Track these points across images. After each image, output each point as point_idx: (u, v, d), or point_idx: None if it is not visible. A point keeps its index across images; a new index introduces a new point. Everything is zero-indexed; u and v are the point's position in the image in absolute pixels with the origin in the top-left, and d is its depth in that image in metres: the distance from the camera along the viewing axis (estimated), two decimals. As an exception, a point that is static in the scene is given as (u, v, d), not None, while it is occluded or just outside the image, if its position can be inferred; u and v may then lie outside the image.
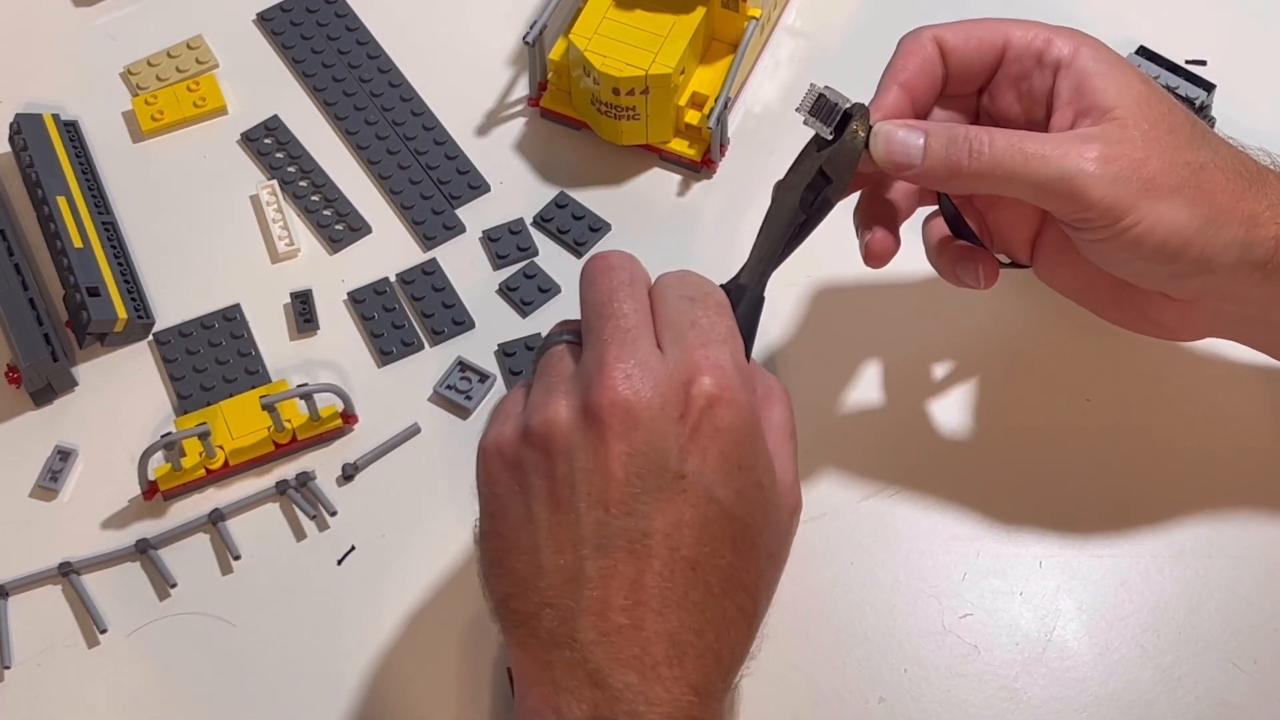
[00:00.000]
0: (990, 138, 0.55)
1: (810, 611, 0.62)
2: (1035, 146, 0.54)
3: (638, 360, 0.51)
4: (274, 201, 0.73)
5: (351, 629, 0.63)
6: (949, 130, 0.56)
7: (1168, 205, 0.54)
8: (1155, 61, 0.70)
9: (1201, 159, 0.55)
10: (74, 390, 0.69)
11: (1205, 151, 0.56)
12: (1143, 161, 0.54)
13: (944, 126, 0.56)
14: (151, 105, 0.76)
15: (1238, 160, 0.57)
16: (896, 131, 0.56)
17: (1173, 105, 0.57)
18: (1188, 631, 0.61)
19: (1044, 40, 0.57)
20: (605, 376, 0.50)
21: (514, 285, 0.71)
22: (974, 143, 0.55)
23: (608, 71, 0.69)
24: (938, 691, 0.60)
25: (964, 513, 0.64)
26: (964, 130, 0.55)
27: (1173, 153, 0.55)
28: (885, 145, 0.56)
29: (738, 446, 0.51)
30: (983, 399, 0.66)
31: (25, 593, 0.64)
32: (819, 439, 0.65)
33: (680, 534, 0.50)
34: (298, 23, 0.79)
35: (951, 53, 0.59)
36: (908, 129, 0.56)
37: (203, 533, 0.65)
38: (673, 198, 0.73)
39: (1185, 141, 0.55)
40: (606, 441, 0.50)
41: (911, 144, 0.56)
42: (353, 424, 0.67)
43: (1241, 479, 0.64)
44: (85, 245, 0.70)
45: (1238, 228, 0.55)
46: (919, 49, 0.59)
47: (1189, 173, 0.55)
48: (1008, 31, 0.58)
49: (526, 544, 0.51)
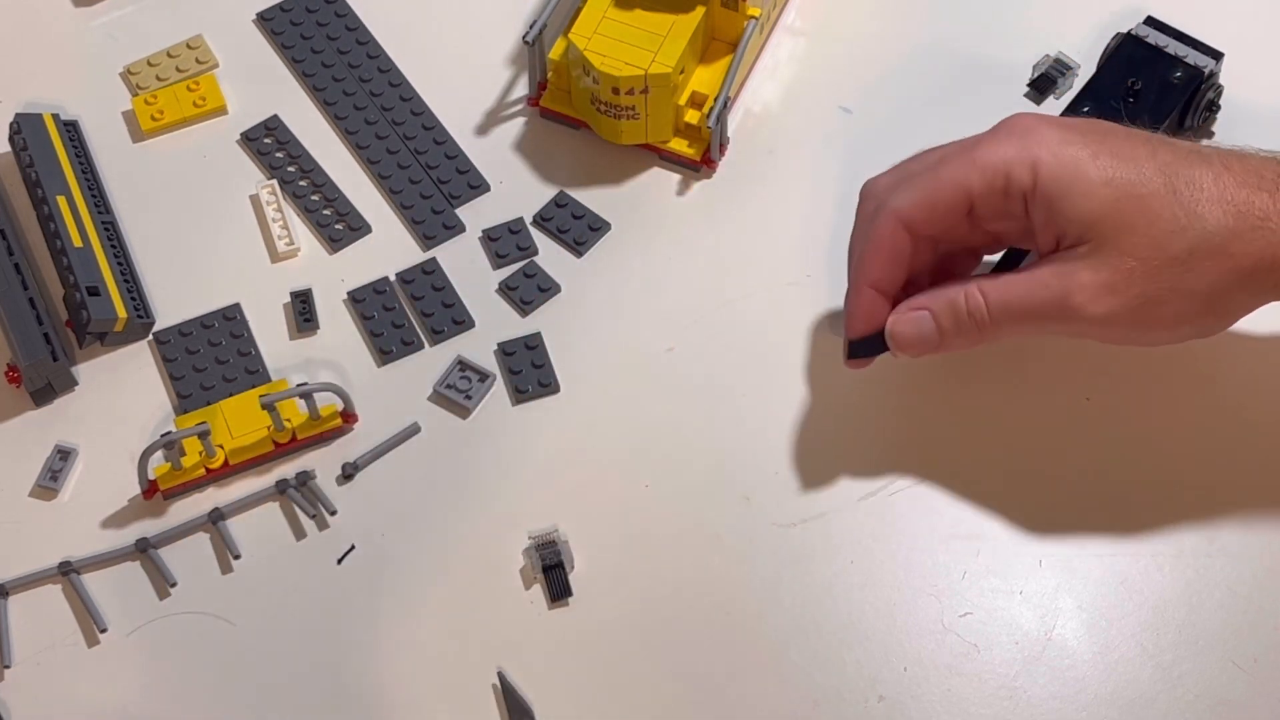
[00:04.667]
0: (984, 297, 0.58)
1: (810, 611, 0.62)
2: (1020, 291, 0.58)
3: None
4: (274, 201, 0.73)
5: (351, 628, 0.63)
6: (946, 301, 0.59)
7: (1167, 308, 0.57)
8: (1163, 31, 0.70)
9: (1188, 243, 0.56)
10: (74, 390, 0.69)
11: (1190, 231, 0.56)
12: (1127, 279, 0.56)
13: (940, 299, 0.59)
14: (151, 105, 0.76)
15: (1231, 194, 0.56)
16: (903, 321, 0.60)
17: (1144, 193, 0.56)
18: (1187, 630, 0.61)
19: (1003, 179, 0.58)
20: None
21: (514, 284, 0.71)
22: (973, 308, 0.59)
23: (607, 71, 0.69)
24: (937, 690, 0.60)
25: (964, 512, 0.64)
26: (958, 294, 0.59)
27: (1156, 254, 0.56)
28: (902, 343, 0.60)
29: None
30: (983, 398, 0.66)
31: (25, 592, 0.64)
32: (819, 439, 0.65)
33: None
34: (298, 23, 0.79)
35: (919, 229, 0.60)
36: (913, 313, 0.60)
37: (203, 532, 0.65)
38: (672, 197, 0.73)
39: (1167, 232, 0.56)
40: None
41: (926, 329, 0.60)
42: (352, 423, 0.67)
43: (1241, 478, 0.64)
44: (85, 245, 0.70)
45: (1243, 292, 0.57)
46: (885, 242, 0.60)
47: (1178, 270, 0.56)
48: (968, 187, 0.58)
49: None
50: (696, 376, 0.67)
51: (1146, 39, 0.70)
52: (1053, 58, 0.74)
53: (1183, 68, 0.69)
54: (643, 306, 0.70)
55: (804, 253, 0.71)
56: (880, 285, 0.61)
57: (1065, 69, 0.73)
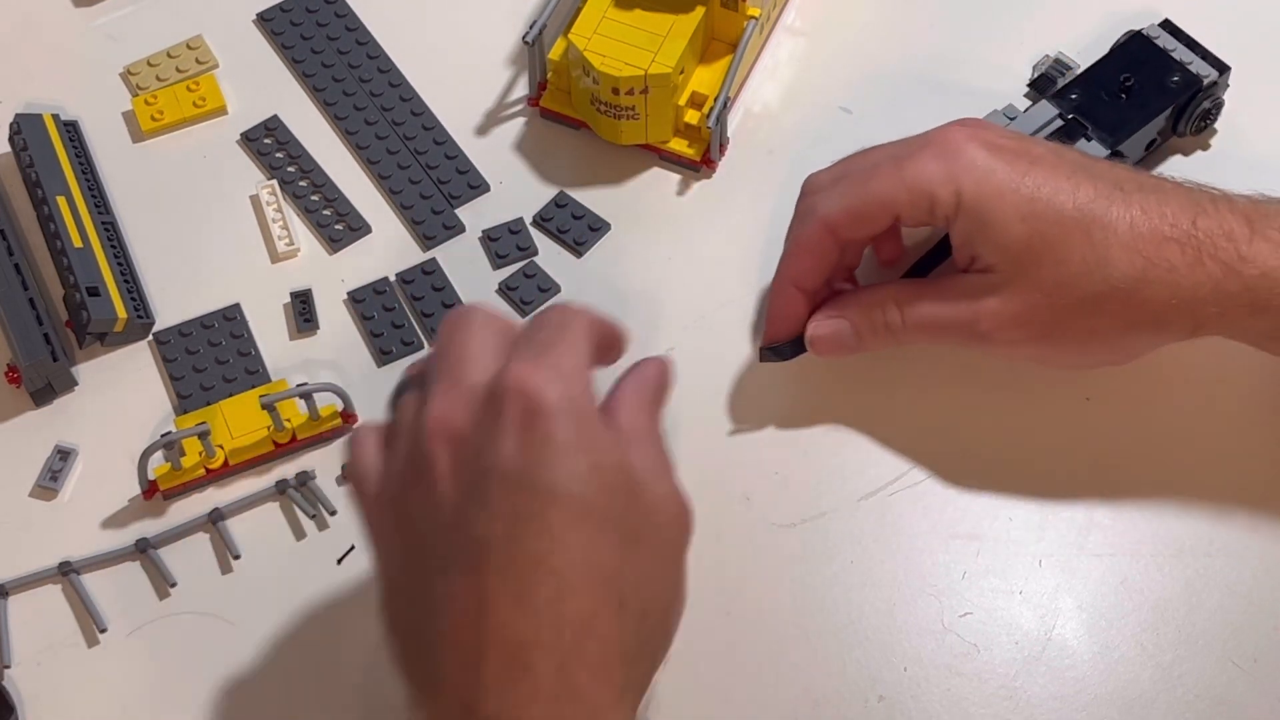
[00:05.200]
0: (899, 304, 0.62)
1: (810, 611, 0.62)
2: (932, 310, 0.61)
3: (457, 384, 0.51)
4: (274, 201, 0.73)
5: (351, 628, 0.63)
6: (864, 310, 0.63)
7: (1070, 343, 0.60)
8: (1176, 36, 0.70)
9: (1094, 287, 0.58)
10: (74, 390, 0.69)
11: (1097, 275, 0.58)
12: (1033, 312, 0.59)
13: (858, 307, 0.63)
14: (151, 105, 0.76)
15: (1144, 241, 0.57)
16: (822, 328, 0.63)
17: (1057, 234, 0.57)
18: (1187, 630, 0.61)
19: (927, 200, 0.59)
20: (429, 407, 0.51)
21: (513, 285, 0.71)
22: (889, 319, 0.62)
23: (607, 71, 0.69)
24: (937, 690, 0.60)
25: (964, 512, 0.64)
26: (876, 305, 0.62)
27: (1063, 294, 0.58)
28: (821, 349, 0.64)
29: (558, 430, 0.49)
30: (983, 398, 0.66)
31: (25, 592, 0.64)
32: (819, 439, 0.65)
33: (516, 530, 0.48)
34: (298, 23, 0.79)
35: (843, 234, 0.62)
36: (832, 320, 0.63)
37: (202, 532, 0.65)
38: (672, 197, 0.73)
39: (1076, 274, 0.58)
40: (434, 466, 0.50)
41: (844, 335, 0.63)
42: (352, 423, 0.67)
43: (1241, 478, 0.64)
44: (85, 245, 0.70)
45: (1147, 335, 0.59)
46: (811, 244, 0.62)
47: (1083, 311, 0.58)
48: (893, 203, 0.60)
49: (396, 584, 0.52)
50: (696, 376, 0.67)
51: (1155, 40, 0.70)
52: (1052, 58, 0.74)
53: (1182, 73, 0.69)
54: (643, 307, 0.70)
55: (804, 253, 0.71)
56: (802, 283, 0.63)
57: (1065, 69, 0.73)
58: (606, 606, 0.49)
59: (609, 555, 0.49)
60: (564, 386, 0.50)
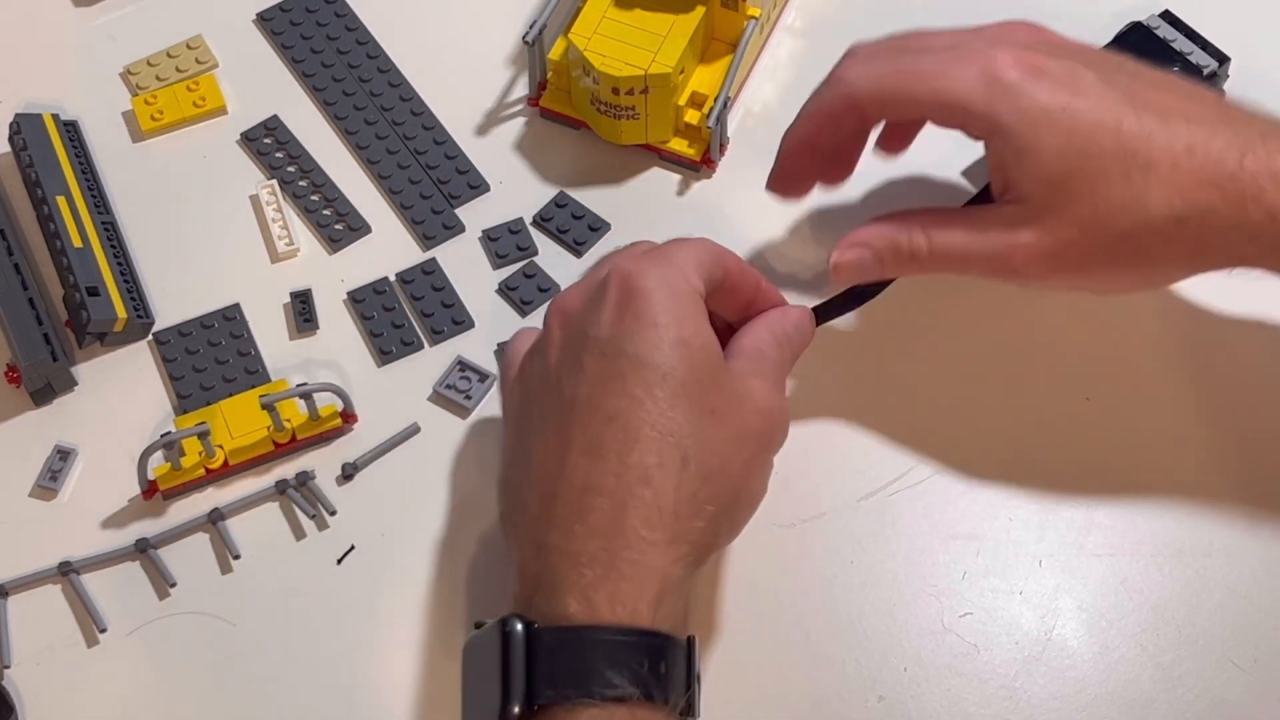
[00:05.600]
0: (926, 235, 0.60)
1: (810, 611, 0.62)
2: (961, 240, 0.60)
3: (584, 279, 0.59)
4: (274, 201, 0.73)
5: (351, 629, 0.63)
6: (888, 241, 0.61)
7: (1103, 276, 0.59)
8: (1176, 27, 0.70)
9: (1131, 224, 0.56)
10: (74, 390, 0.69)
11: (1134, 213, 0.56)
12: (1067, 248, 0.58)
13: (883, 239, 0.61)
14: (151, 105, 0.76)
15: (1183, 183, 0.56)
16: (845, 258, 0.62)
17: (1096, 170, 0.56)
18: (1187, 630, 0.61)
19: (960, 117, 0.59)
20: (555, 303, 0.59)
21: (513, 285, 0.71)
22: (913, 247, 0.61)
23: (607, 71, 0.69)
24: (937, 690, 0.60)
25: (964, 512, 0.64)
26: (902, 236, 0.61)
27: (1098, 230, 0.57)
28: (843, 274, 0.63)
29: (651, 308, 0.55)
30: (982, 397, 0.66)
31: (25, 592, 0.64)
32: (818, 438, 0.65)
33: (599, 390, 0.54)
34: (297, 23, 0.79)
35: (868, 113, 0.62)
36: (855, 250, 0.62)
37: (202, 532, 0.65)
38: (672, 197, 0.73)
39: (1113, 211, 0.56)
40: (549, 340, 0.58)
41: (866, 262, 0.62)
42: (352, 423, 0.67)
43: (1241, 478, 0.64)
44: (85, 245, 0.70)
45: (1180, 270, 0.59)
46: (834, 115, 0.62)
47: (1117, 247, 0.57)
48: (923, 111, 0.60)
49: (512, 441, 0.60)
50: (696, 376, 0.67)
51: (1156, 30, 0.70)
52: None
53: (1182, 63, 0.69)
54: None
55: (804, 253, 0.71)
56: (814, 145, 0.64)
57: None
58: (668, 461, 0.54)
59: (680, 419, 0.54)
60: (662, 273, 0.56)
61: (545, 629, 0.52)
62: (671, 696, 0.52)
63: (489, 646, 0.53)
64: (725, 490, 0.55)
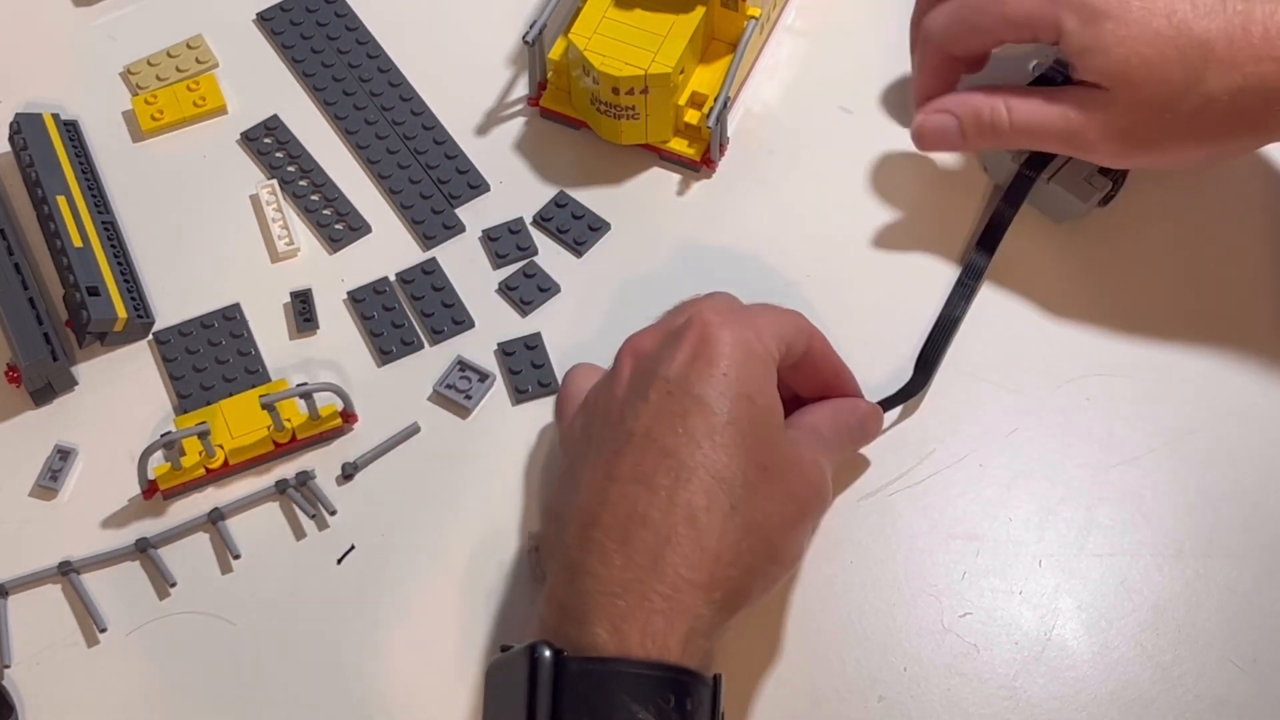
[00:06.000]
0: (1007, 107, 0.65)
1: (810, 611, 0.62)
2: (1041, 114, 0.64)
3: (660, 324, 0.60)
4: (274, 201, 0.73)
5: (351, 628, 0.63)
6: (972, 110, 0.66)
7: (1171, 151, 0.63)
8: None
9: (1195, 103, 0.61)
10: (74, 390, 0.69)
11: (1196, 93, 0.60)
12: (1136, 126, 0.62)
13: (967, 106, 0.66)
14: (151, 105, 0.76)
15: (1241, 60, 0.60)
16: (929, 122, 0.67)
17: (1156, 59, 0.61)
18: (1187, 631, 0.61)
19: (1029, 33, 0.64)
20: (629, 342, 0.60)
21: (513, 284, 0.71)
22: (995, 118, 0.65)
23: (607, 71, 0.69)
24: (937, 690, 0.60)
25: (964, 512, 0.64)
26: (985, 106, 0.65)
27: (1163, 110, 0.61)
28: (927, 141, 0.67)
29: (723, 359, 0.56)
30: (982, 397, 0.66)
31: (25, 592, 0.64)
32: (819, 438, 0.65)
33: (659, 425, 0.55)
34: (298, 22, 0.79)
35: (956, 50, 0.67)
36: (939, 115, 0.67)
37: (202, 532, 0.65)
38: (672, 197, 0.73)
39: (1175, 93, 0.61)
40: (619, 374, 0.58)
41: (950, 130, 0.66)
42: (352, 423, 0.67)
43: (1241, 479, 0.64)
44: (85, 245, 0.70)
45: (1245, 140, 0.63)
46: (933, 66, 0.68)
47: (1183, 124, 0.61)
48: (998, 31, 0.65)
49: (564, 470, 0.59)
50: (696, 376, 0.67)
51: None
52: (1054, 56, 0.73)
53: None
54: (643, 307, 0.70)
55: (804, 253, 0.71)
56: (935, 93, 0.68)
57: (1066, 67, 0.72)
58: (716, 506, 0.54)
59: (734, 467, 0.54)
60: (740, 331, 0.57)
61: (573, 658, 0.51)
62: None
63: (516, 671, 0.52)
64: (765, 545, 0.55)
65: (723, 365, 0.55)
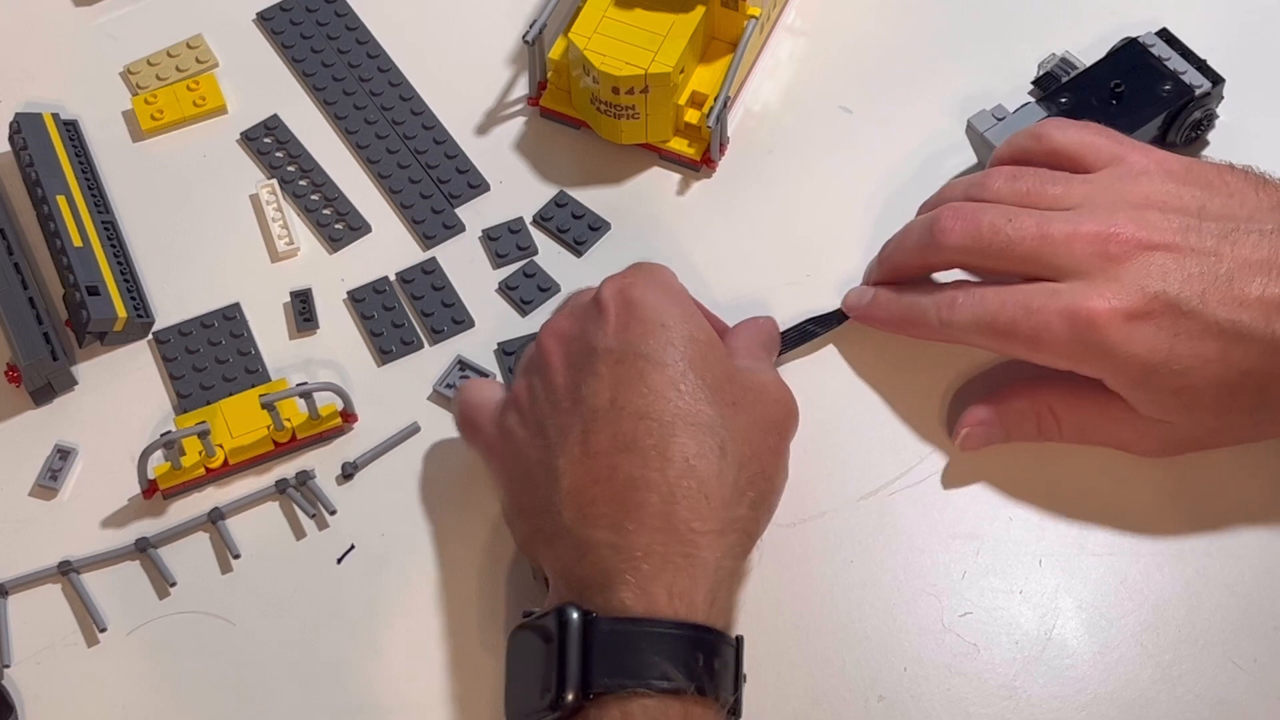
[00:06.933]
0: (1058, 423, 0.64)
1: (810, 611, 0.62)
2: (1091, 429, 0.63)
3: (565, 308, 0.61)
4: (274, 201, 0.73)
5: (351, 628, 0.63)
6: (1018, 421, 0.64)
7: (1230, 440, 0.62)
8: (1172, 45, 0.70)
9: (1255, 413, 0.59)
10: (74, 389, 0.69)
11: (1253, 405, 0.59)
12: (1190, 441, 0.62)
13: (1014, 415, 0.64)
14: (151, 104, 0.76)
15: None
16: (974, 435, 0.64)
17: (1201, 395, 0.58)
18: (1187, 630, 0.61)
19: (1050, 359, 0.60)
20: (545, 329, 0.61)
21: (514, 284, 0.71)
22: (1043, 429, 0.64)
23: (607, 70, 0.69)
24: (937, 690, 0.60)
25: (964, 512, 0.64)
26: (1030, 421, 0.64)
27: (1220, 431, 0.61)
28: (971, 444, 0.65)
29: (653, 311, 0.57)
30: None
31: (25, 591, 0.64)
32: (818, 438, 0.65)
33: (622, 393, 0.55)
34: (298, 22, 0.79)
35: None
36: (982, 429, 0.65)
37: (202, 531, 0.65)
38: (672, 197, 0.73)
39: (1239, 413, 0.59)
40: (549, 360, 0.58)
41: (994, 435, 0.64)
42: (352, 423, 0.67)
43: (1242, 478, 0.64)
44: (85, 244, 0.70)
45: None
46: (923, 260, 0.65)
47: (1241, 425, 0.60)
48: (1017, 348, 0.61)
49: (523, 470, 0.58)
50: (696, 376, 0.67)
51: (1151, 48, 0.70)
52: (1059, 56, 0.73)
53: (1174, 82, 0.68)
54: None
55: (804, 253, 0.71)
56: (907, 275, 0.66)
57: (1071, 68, 0.72)
58: (707, 451, 0.55)
59: (709, 410, 0.55)
60: (650, 283, 0.58)
61: (603, 618, 0.52)
62: (722, 694, 0.53)
63: (542, 634, 0.53)
64: (759, 476, 0.56)
65: (655, 319, 0.57)
